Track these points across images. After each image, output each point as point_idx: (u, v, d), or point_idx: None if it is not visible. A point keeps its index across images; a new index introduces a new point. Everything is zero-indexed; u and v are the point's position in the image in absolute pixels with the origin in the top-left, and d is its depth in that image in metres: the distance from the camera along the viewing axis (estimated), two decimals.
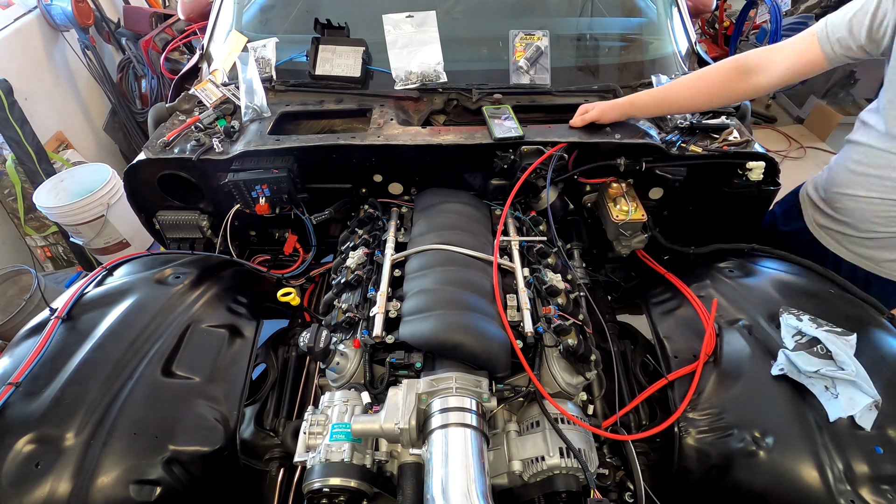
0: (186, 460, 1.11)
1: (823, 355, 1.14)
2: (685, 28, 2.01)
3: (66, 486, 0.99)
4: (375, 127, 1.63)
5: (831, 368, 1.10)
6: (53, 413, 1.07)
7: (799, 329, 1.21)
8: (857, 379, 1.07)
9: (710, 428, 1.16)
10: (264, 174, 1.54)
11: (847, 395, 1.07)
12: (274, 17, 2.11)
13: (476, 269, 1.37)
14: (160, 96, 3.62)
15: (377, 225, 1.63)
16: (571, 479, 1.07)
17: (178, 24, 3.63)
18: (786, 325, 1.24)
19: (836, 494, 0.98)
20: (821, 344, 1.16)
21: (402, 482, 1.06)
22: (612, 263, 1.89)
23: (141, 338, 1.25)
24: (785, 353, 1.16)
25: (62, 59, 3.43)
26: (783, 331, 1.23)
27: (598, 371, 1.26)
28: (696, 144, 1.56)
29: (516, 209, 1.67)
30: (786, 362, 1.15)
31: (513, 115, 1.62)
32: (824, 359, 1.13)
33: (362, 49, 1.82)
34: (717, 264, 1.55)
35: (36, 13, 3.23)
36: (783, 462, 1.05)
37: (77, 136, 3.46)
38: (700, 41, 2.13)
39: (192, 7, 2.60)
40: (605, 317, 1.69)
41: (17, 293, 2.77)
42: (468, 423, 1.01)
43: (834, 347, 1.13)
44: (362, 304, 1.34)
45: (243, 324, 1.46)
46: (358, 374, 1.23)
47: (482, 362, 1.16)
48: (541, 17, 2.03)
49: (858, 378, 1.07)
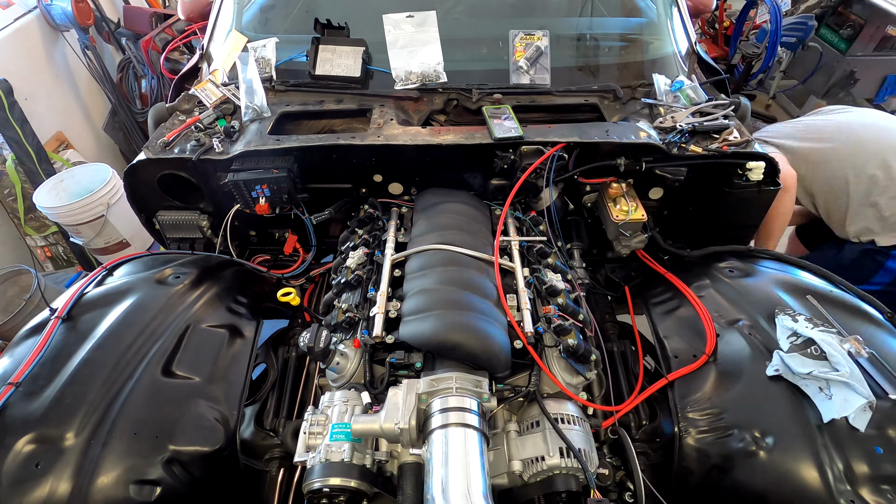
0: (186, 460, 1.11)
1: (818, 356, 1.13)
2: (685, 28, 2.01)
3: (66, 486, 0.99)
4: (375, 127, 1.63)
5: (825, 370, 1.10)
6: (53, 413, 1.07)
7: (794, 330, 1.21)
8: (850, 380, 1.07)
9: (710, 428, 1.16)
10: (264, 174, 1.54)
11: (841, 397, 1.07)
12: (274, 17, 2.11)
13: (476, 269, 1.37)
14: (160, 96, 3.62)
15: (377, 225, 1.63)
16: (571, 479, 1.07)
17: (178, 24, 3.63)
18: (781, 326, 1.24)
19: (836, 494, 0.98)
20: (815, 345, 1.15)
21: (402, 482, 1.07)
22: (612, 263, 1.89)
23: (141, 338, 1.25)
24: (779, 355, 1.16)
25: (62, 59, 3.43)
26: (778, 332, 1.23)
27: (598, 371, 1.26)
28: (696, 144, 1.56)
29: (516, 209, 1.67)
30: (780, 363, 1.15)
31: (513, 114, 1.62)
32: (818, 360, 1.13)
33: (362, 49, 1.82)
34: (716, 264, 1.55)
35: (36, 13, 3.23)
36: (783, 462, 1.05)
37: (77, 136, 3.45)
38: (700, 41, 2.14)
39: (192, 7, 2.60)
40: (605, 317, 1.70)
41: (17, 293, 2.77)
42: (468, 423, 1.01)
43: (828, 348, 1.13)
44: (362, 304, 1.34)
45: (243, 324, 1.46)
46: (358, 374, 1.23)
47: (482, 362, 1.16)
48: (541, 17, 2.03)
49: (852, 379, 1.07)
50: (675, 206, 1.76)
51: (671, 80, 1.74)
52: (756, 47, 4.01)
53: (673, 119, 1.62)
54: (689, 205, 1.74)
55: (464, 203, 1.62)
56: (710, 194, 1.63)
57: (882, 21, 3.93)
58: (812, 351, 1.15)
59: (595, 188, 1.69)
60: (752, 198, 1.59)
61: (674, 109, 1.66)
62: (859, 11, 4.05)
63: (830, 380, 1.08)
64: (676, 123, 1.61)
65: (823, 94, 4.46)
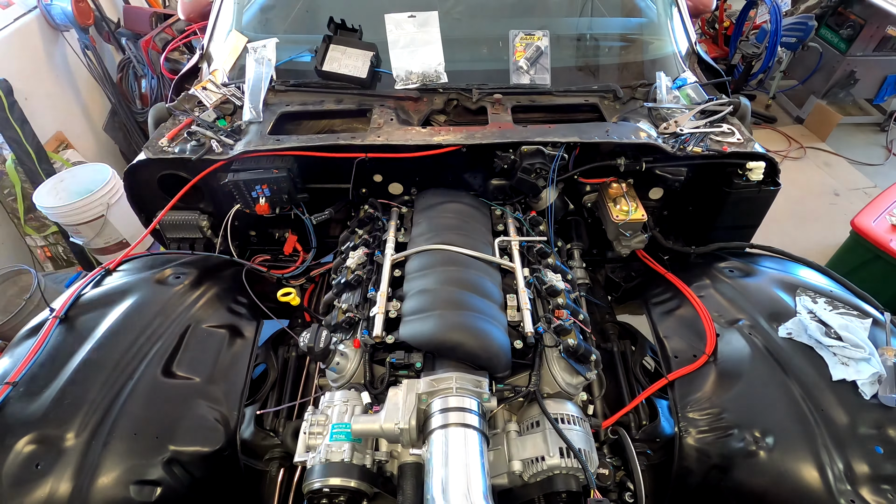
0: (187, 460, 1.11)
1: (834, 337, 1.20)
2: (685, 28, 2.01)
3: (66, 486, 0.99)
4: (375, 127, 1.63)
5: (842, 345, 1.17)
6: (54, 413, 1.07)
7: (813, 311, 1.25)
8: (871, 356, 1.13)
9: (711, 428, 1.16)
10: (264, 174, 1.54)
11: (856, 366, 1.13)
12: (274, 17, 2.11)
13: (476, 269, 1.37)
14: (160, 96, 3.62)
15: (377, 225, 1.63)
16: (571, 479, 1.07)
17: (178, 24, 3.63)
18: (801, 305, 1.28)
19: (837, 494, 0.98)
20: (832, 329, 1.20)
21: (402, 482, 1.07)
22: (612, 263, 1.89)
23: (141, 338, 1.25)
24: (800, 318, 1.22)
25: (62, 59, 3.43)
26: (798, 308, 1.27)
27: (598, 371, 1.26)
28: (697, 145, 1.56)
29: (516, 209, 1.67)
30: (796, 325, 1.21)
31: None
32: (835, 340, 1.19)
33: (371, 53, 1.81)
34: (717, 264, 1.55)
35: (36, 13, 3.23)
36: (783, 462, 1.05)
37: (77, 136, 3.45)
38: (700, 41, 2.13)
39: (192, 7, 2.60)
40: (605, 317, 1.70)
41: (17, 293, 2.76)
42: (468, 424, 1.01)
43: (845, 332, 1.18)
44: (362, 304, 1.34)
45: (243, 324, 1.46)
46: (358, 374, 1.23)
47: (482, 362, 1.16)
48: (541, 17, 2.03)
49: (873, 356, 1.13)
50: (676, 206, 1.76)
51: (673, 80, 1.74)
52: (756, 47, 4.01)
53: (676, 123, 1.62)
54: (690, 205, 1.73)
55: (464, 203, 1.62)
56: (711, 194, 1.63)
57: (882, 21, 3.93)
58: (830, 332, 1.21)
59: (595, 188, 1.69)
60: (753, 198, 1.59)
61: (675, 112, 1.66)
62: (859, 11, 4.06)
63: (850, 357, 1.15)
64: (679, 127, 1.61)
65: (823, 94, 4.47)
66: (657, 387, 1.30)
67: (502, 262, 1.42)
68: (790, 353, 1.20)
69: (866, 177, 4.08)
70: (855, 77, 4.29)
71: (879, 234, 2.45)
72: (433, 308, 1.21)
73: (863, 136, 4.52)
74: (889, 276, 2.45)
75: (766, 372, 1.19)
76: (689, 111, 1.65)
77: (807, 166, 4.19)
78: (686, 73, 1.86)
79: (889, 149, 4.36)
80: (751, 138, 1.57)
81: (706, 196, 1.66)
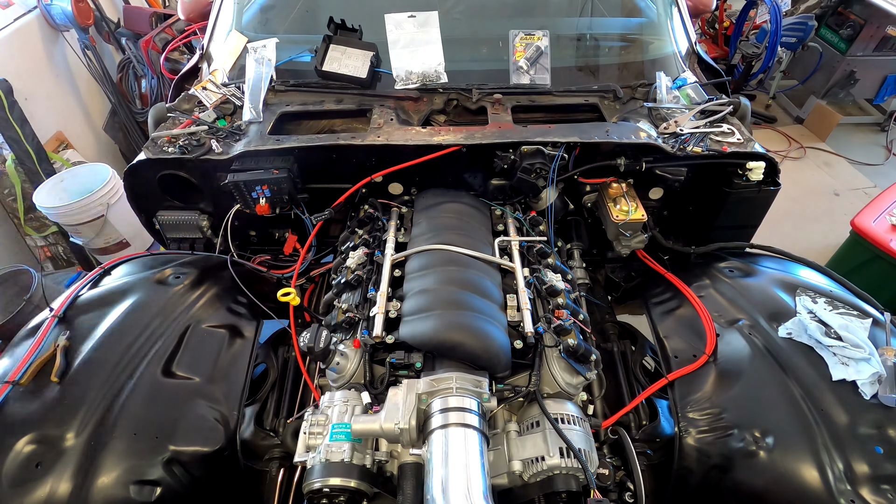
0: (187, 460, 1.11)
1: (834, 337, 1.20)
2: (685, 28, 2.01)
3: (66, 486, 0.99)
4: (375, 127, 1.63)
5: (842, 345, 1.17)
6: (54, 413, 1.07)
7: (813, 311, 1.25)
8: (871, 356, 1.13)
9: (711, 428, 1.16)
10: (264, 174, 1.54)
11: (855, 366, 1.13)
12: (274, 17, 2.11)
13: (476, 269, 1.37)
14: (160, 96, 3.61)
15: (377, 225, 1.63)
16: (571, 479, 1.07)
17: (178, 24, 3.63)
18: (801, 305, 1.28)
19: (837, 494, 0.98)
20: (832, 329, 1.21)
21: (402, 482, 1.06)
22: (612, 263, 1.89)
23: (141, 338, 1.25)
24: (800, 318, 1.22)
25: (62, 59, 3.43)
26: (798, 308, 1.27)
27: (598, 371, 1.26)
28: (696, 145, 1.56)
29: (516, 209, 1.67)
30: (796, 325, 1.21)
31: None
32: (834, 340, 1.19)
33: (371, 53, 1.81)
34: (717, 264, 1.55)
35: (36, 13, 3.23)
36: (783, 462, 1.05)
37: (77, 136, 3.45)
38: (700, 41, 2.13)
39: (192, 7, 2.60)
40: (605, 317, 1.70)
41: (17, 293, 2.76)
42: (468, 423, 1.01)
43: (845, 332, 1.18)
44: (362, 304, 1.34)
45: (243, 324, 1.46)
46: (358, 374, 1.23)
47: (482, 362, 1.16)
48: (541, 17, 2.03)
49: (873, 356, 1.13)
50: (676, 206, 1.76)
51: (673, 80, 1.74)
52: (756, 47, 4.01)
53: (676, 123, 1.62)
54: (690, 205, 1.73)
55: (464, 203, 1.62)
56: (711, 194, 1.63)
57: (882, 21, 3.93)
58: (830, 332, 1.21)
59: (595, 188, 1.69)
60: (753, 198, 1.59)
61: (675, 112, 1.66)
62: (859, 11, 4.06)
63: (850, 357, 1.15)
64: (679, 127, 1.61)
65: (823, 94, 4.47)
66: (657, 387, 1.30)
67: (502, 262, 1.42)
68: (790, 353, 1.20)
69: (866, 177, 4.08)
70: (855, 77, 4.29)
71: (879, 234, 2.45)
72: (433, 308, 1.21)
73: (863, 136, 4.52)
74: (889, 276, 2.45)
75: (766, 372, 1.19)
76: (689, 111, 1.65)
77: (807, 166, 4.20)
78: (686, 73, 1.86)
79: (889, 149, 4.36)
80: (751, 138, 1.57)
81: (706, 196, 1.66)
